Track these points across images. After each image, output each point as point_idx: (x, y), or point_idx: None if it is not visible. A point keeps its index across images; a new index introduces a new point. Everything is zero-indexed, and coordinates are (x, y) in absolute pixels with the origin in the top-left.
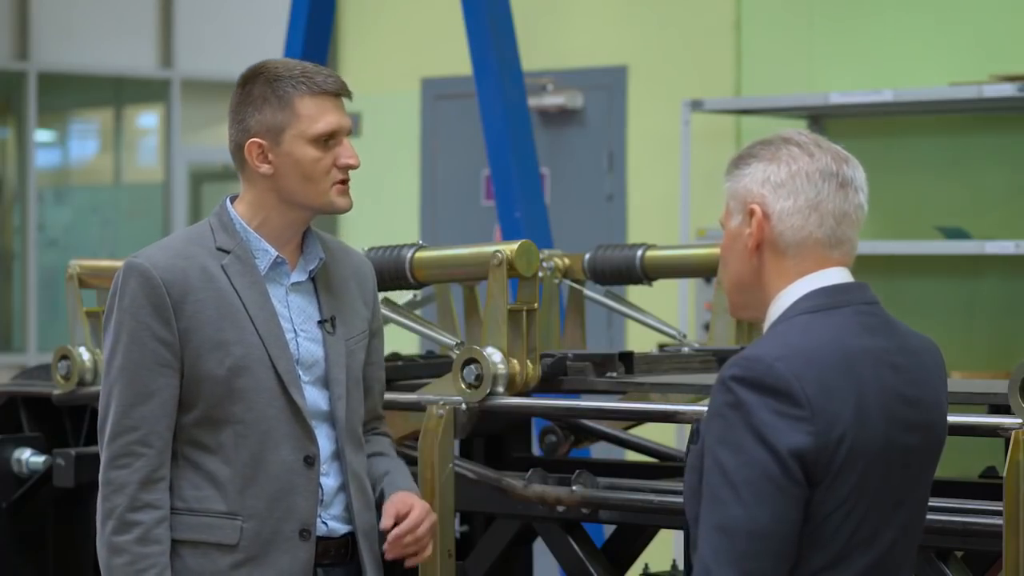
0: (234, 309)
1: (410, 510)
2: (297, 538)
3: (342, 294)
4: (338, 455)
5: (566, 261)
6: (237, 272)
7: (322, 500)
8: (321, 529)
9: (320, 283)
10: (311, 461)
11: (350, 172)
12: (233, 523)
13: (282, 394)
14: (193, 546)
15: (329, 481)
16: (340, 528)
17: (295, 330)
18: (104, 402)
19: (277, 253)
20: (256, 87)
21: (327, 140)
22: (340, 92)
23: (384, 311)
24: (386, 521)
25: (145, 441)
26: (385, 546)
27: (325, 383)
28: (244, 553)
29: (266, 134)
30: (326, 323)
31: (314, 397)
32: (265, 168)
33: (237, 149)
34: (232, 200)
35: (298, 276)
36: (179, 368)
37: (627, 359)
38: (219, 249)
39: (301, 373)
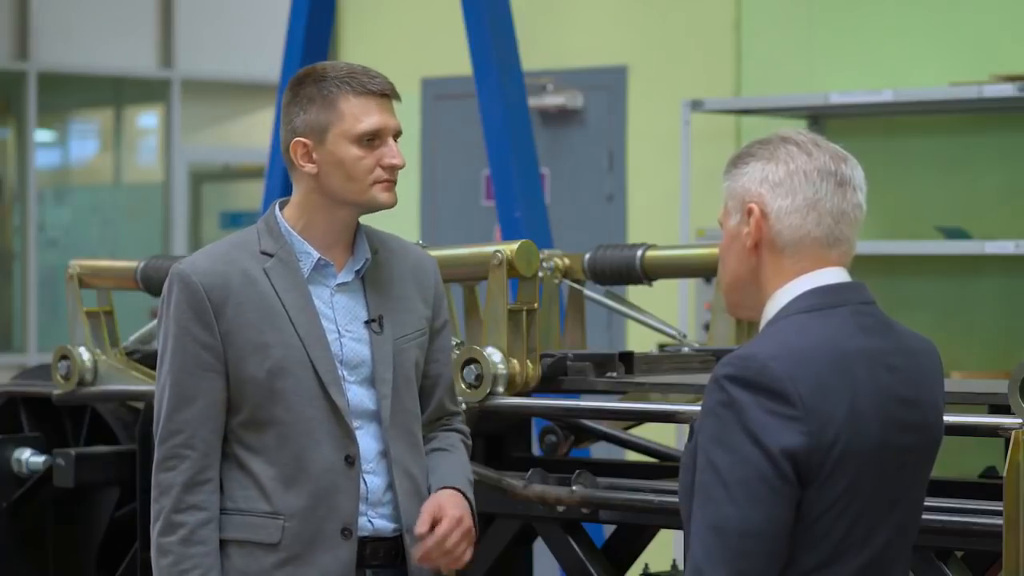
0: (275, 312)
1: (443, 517)
2: (339, 537)
3: (395, 292)
4: (385, 454)
5: (566, 261)
6: (279, 275)
7: (367, 499)
8: (367, 528)
9: (370, 282)
10: (351, 461)
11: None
12: (276, 522)
13: (322, 395)
14: (240, 545)
15: (376, 480)
16: (387, 527)
17: (339, 331)
18: (156, 407)
19: (319, 255)
20: (304, 88)
21: (371, 140)
22: (386, 93)
23: None
24: (420, 528)
25: (189, 444)
26: (416, 556)
27: (372, 382)
28: (287, 552)
29: (311, 134)
30: (373, 323)
31: (360, 397)
32: (309, 167)
33: (285, 150)
34: (283, 205)
35: (344, 277)
36: (224, 371)
37: (627, 359)
38: (263, 253)
39: (346, 373)
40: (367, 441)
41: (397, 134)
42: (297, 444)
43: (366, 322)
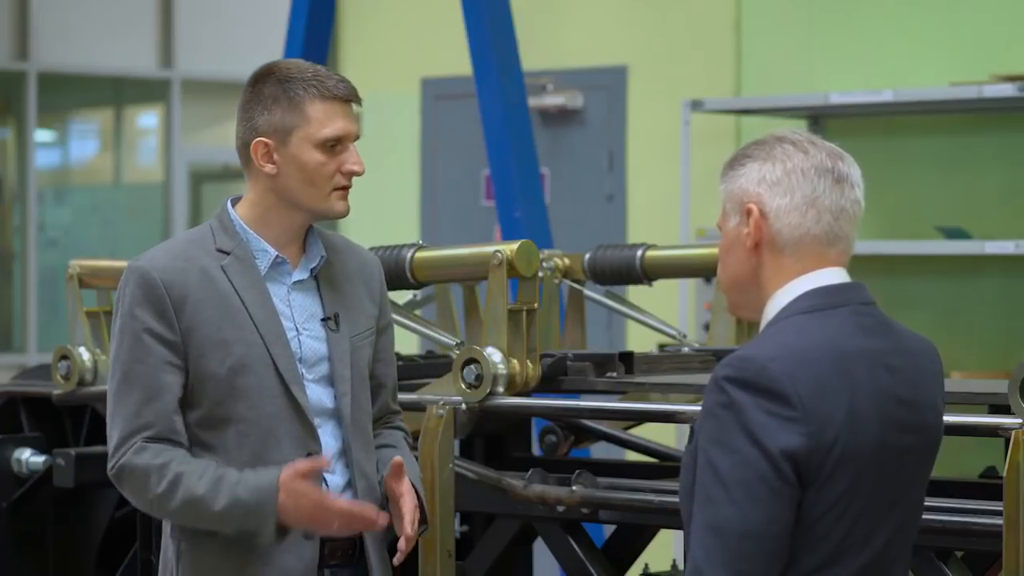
0: (234, 309)
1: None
2: (302, 537)
3: (347, 291)
4: (344, 452)
5: (566, 261)
6: (237, 272)
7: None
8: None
9: (323, 281)
10: None
11: (353, 179)
12: None
13: (283, 392)
14: (200, 543)
15: (335, 479)
16: None
17: (297, 328)
18: (113, 404)
19: (277, 253)
20: (267, 87)
21: (333, 145)
22: (351, 98)
23: None
24: (409, 530)
25: (161, 436)
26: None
27: (330, 380)
28: (249, 550)
29: (273, 134)
30: (329, 320)
31: (318, 395)
32: (269, 168)
33: (243, 147)
34: (234, 202)
35: (300, 275)
36: (184, 367)
37: (627, 359)
38: (219, 250)
39: (304, 371)
40: (326, 440)
41: (356, 139)
42: (257, 442)
43: (323, 320)
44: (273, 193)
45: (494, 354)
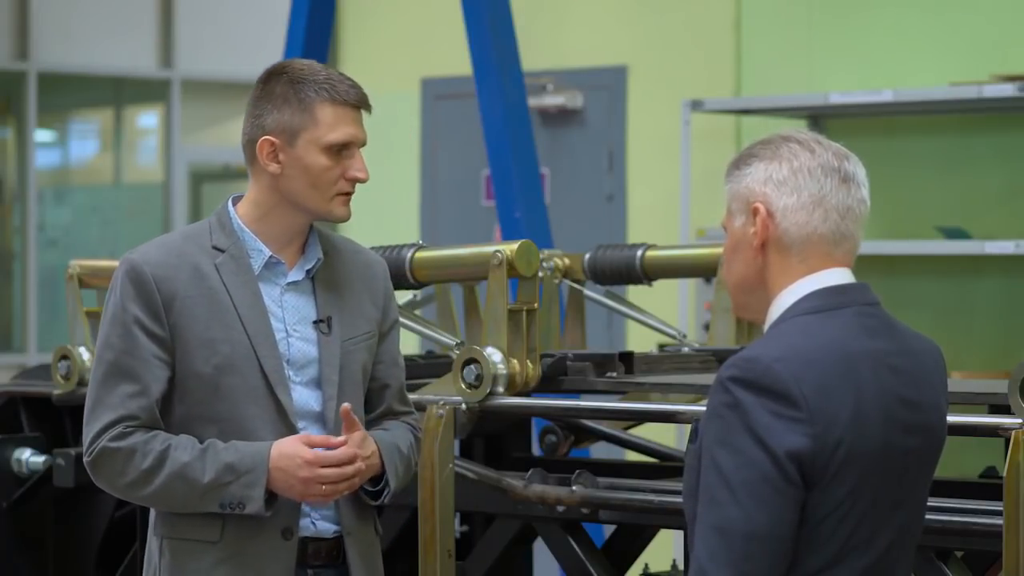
0: (223, 308)
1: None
2: (279, 537)
3: (345, 294)
4: None
5: (566, 261)
6: (230, 271)
7: (317, 503)
8: (309, 529)
9: (320, 283)
10: None
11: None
12: (216, 520)
13: (268, 394)
14: (177, 542)
15: None
16: (329, 528)
17: (287, 330)
18: (96, 391)
19: (271, 253)
20: (278, 86)
21: (340, 150)
22: (361, 104)
23: None
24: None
25: (145, 427)
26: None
27: (318, 383)
28: (226, 550)
29: (281, 134)
30: (321, 323)
31: (305, 398)
32: (273, 167)
33: (249, 144)
34: (236, 200)
35: (295, 276)
36: (170, 363)
37: (627, 359)
38: (214, 248)
39: (292, 373)
40: (314, 434)
41: (363, 146)
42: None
43: (315, 322)
44: (275, 192)
45: (494, 354)
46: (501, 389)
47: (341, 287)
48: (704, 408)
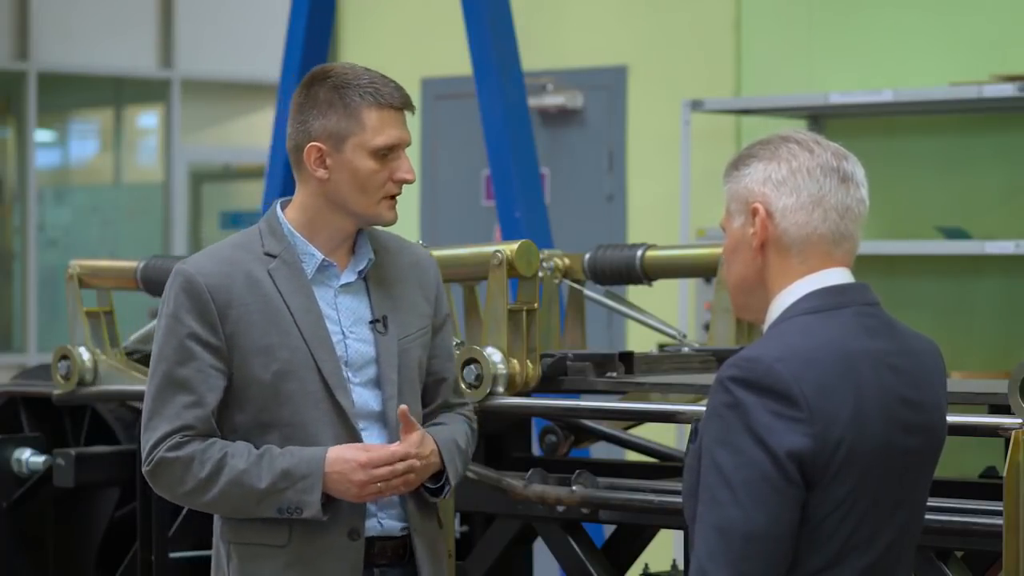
0: (279, 314)
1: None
2: (346, 539)
3: (398, 292)
4: None
5: (566, 261)
6: (283, 277)
7: (376, 500)
8: (375, 529)
9: (373, 283)
10: None
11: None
12: (282, 525)
13: (327, 397)
14: (245, 547)
15: None
16: (395, 527)
17: (343, 332)
18: (152, 404)
19: (323, 256)
20: (322, 91)
21: (386, 153)
22: (405, 106)
23: None
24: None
25: (202, 436)
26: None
27: (377, 383)
28: (294, 554)
29: (328, 140)
30: (377, 323)
31: (365, 398)
32: (321, 173)
33: (296, 150)
34: (284, 204)
35: (347, 277)
36: (227, 373)
37: (627, 359)
38: (266, 254)
39: (351, 375)
40: (372, 443)
41: (407, 147)
42: (302, 446)
43: (370, 322)
44: (323, 197)
45: (494, 354)
46: (501, 389)
47: (393, 285)
48: (704, 408)
